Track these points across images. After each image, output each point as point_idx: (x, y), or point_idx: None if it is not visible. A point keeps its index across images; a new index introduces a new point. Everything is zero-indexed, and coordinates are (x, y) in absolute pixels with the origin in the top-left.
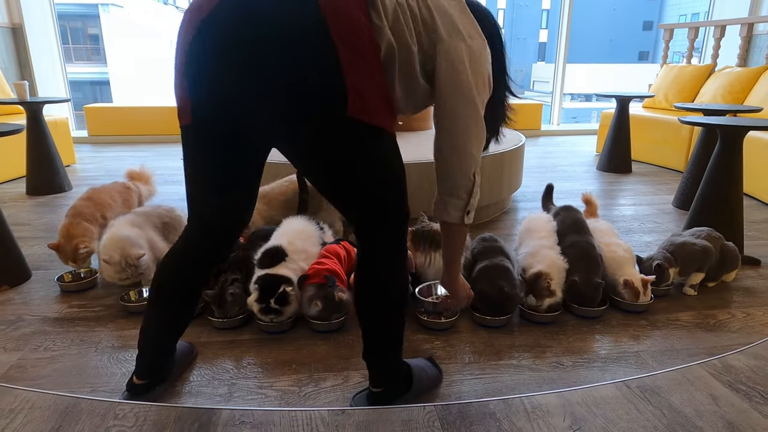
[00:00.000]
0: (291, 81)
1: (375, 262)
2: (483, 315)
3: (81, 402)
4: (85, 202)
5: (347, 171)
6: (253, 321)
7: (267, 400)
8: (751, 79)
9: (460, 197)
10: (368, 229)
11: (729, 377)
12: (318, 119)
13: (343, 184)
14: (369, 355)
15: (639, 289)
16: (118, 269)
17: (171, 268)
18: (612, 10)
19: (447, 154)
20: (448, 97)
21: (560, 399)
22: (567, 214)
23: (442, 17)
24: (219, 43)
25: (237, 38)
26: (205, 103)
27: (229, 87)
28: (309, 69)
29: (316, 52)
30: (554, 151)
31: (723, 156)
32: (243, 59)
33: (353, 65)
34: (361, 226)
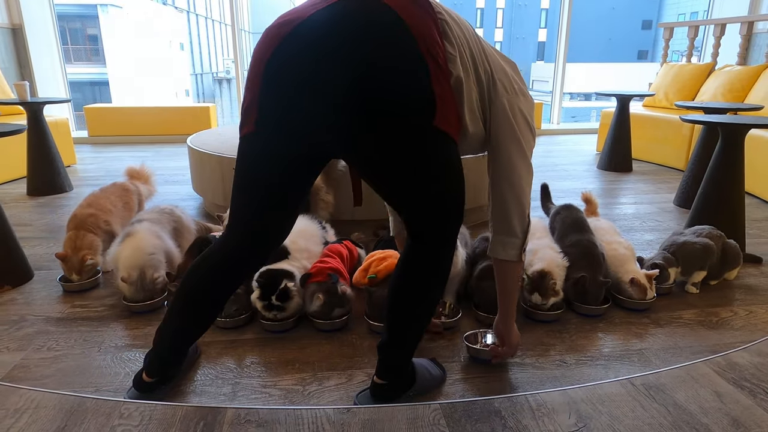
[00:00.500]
0: (381, 84)
1: (424, 260)
2: (486, 313)
3: (86, 401)
4: (86, 210)
5: (423, 176)
6: (256, 320)
7: (271, 399)
8: (751, 78)
9: (518, 236)
10: (426, 228)
11: (733, 374)
12: (405, 124)
13: (415, 188)
14: (385, 347)
15: (646, 285)
16: (136, 288)
17: (203, 275)
18: (611, 9)
19: (505, 198)
20: (505, 145)
21: (565, 396)
22: (568, 213)
23: (499, 73)
24: (297, 52)
25: (312, 46)
26: (273, 112)
27: (301, 93)
28: (400, 73)
29: (406, 59)
30: (555, 150)
31: (724, 154)
32: (316, 61)
33: (438, 78)
34: (419, 225)
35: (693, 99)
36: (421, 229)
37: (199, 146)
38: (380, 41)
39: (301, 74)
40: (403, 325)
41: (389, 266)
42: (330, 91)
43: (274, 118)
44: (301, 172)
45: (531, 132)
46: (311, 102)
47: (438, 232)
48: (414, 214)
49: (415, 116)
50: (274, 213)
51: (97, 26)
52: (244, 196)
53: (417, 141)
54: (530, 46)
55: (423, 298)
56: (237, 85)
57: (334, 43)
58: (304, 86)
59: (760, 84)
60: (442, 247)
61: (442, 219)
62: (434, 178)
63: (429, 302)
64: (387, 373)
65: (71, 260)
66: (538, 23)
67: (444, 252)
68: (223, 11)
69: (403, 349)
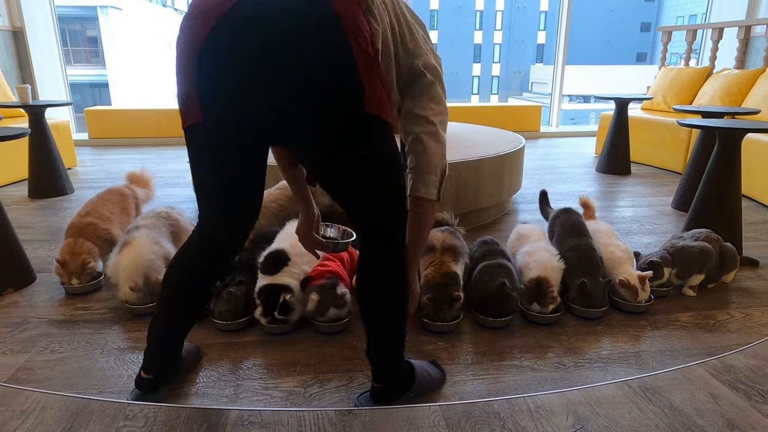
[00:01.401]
0: (306, 78)
1: (380, 261)
2: (483, 314)
3: (91, 403)
4: (85, 219)
5: (362, 167)
6: (257, 322)
7: (273, 400)
8: (748, 81)
9: (437, 175)
10: (375, 228)
11: (729, 377)
12: (334, 115)
13: (355, 181)
14: (371, 352)
15: (636, 285)
16: (144, 294)
17: (182, 263)
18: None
19: (426, 140)
20: (432, 94)
21: (563, 399)
22: (567, 217)
23: (412, 31)
24: (233, 44)
25: (251, 38)
26: (215, 104)
27: (242, 88)
28: (325, 65)
29: (330, 49)
30: (553, 153)
31: (721, 158)
32: (256, 60)
33: (365, 63)
34: (368, 225)
35: (691, 102)
36: (368, 229)
37: None
38: (311, 36)
39: (235, 68)
40: (380, 326)
41: None
42: (267, 92)
43: (216, 111)
44: (251, 159)
45: (441, 85)
46: (250, 98)
47: (384, 227)
48: (357, 212)
49: (347, 106)
50: (235, 201)
51: (97, 28)
52: (203, 190)
53: (350, 132)
54: (529, 48)
55: (391, 296)
56: None
57: (267, 39)
58: (241, 81)
59: (757, 88)
60: (393, 245)
61: (388, 214)
62: (376, 169)
63: (399, 298)
64: (381, 377)
65: (70, 264)
66: (537, 26)
67: (399, 245)
68: None
69: (388, 350)
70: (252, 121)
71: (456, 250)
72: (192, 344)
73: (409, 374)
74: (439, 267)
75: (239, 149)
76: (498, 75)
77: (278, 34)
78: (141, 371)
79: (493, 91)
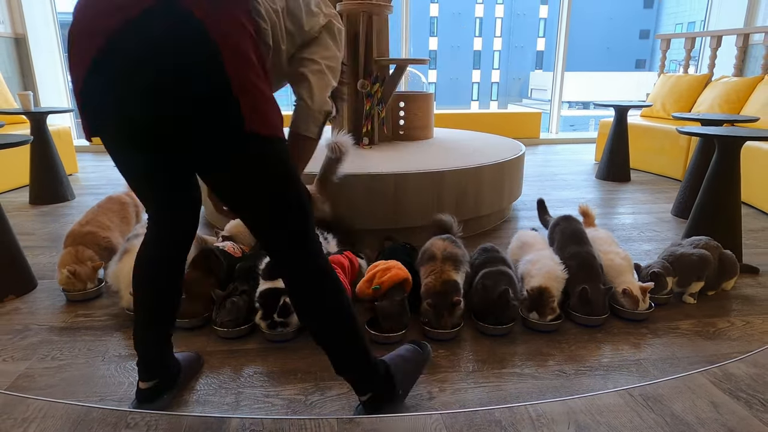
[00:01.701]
0: (184, 100)
1: (302, 285)
2: (484, 321)
3: (92, 411)
4: (84, 228)
5: (251, 188)
6: (257, 330)
7: (274, 408)
8: (747, 89)
9: (320, 112)
10: (284, 250)
11: (729, 385)
12: (216, 137)
13: (245, 200)
14: (341, 368)
15: (638, 296)
16: None
17: (143, 256)
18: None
19: (310, 77)
20: (321, 42)
21: (564, 407)
22: (567, 224)
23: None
24: (117, 72)
25: (134, 66)
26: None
27: (127, 110)
28: (201, 86)
29: (203, 67)
30: (553, 160)
31: (721, 166)
32: (137, 85)
33: (242, 85)
34: (276, 248)
35: (690, 110)
36: (275, 252)
37: None
38: (184, 63)
39: (118, 86)
40: (334, 341)
41: (393, 277)
42: (149, 110)
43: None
44: (160, 167)
45: (332, 36)
46: (135, 113)
47: (293, 248)
48: (263, 234)
49: (224, 129)
50: (166, 198)
51: None
52: (133, 187)
53: (231, 152)
54: (529, 55)
55: (331, 307)
56: None
57: (143, 74)
58: (123, 98)
59: (756, 95)
60: (306, 263)
61: (294, 232)
62: (267, 187)
63: (340, 306)
64: (362, 389)
65: (81, 272)
66: (536, 32)
67: (315, 254)
68: None
69: (352, 362)
70: (141, 134)
71: (457, 259)
72: (193, 352)
73: (387, 375)
74: (440, 275)
75: (141, 155)
76: (497, 81)
77: (160, 60)
78: (138, 382)
79: (493, 97)
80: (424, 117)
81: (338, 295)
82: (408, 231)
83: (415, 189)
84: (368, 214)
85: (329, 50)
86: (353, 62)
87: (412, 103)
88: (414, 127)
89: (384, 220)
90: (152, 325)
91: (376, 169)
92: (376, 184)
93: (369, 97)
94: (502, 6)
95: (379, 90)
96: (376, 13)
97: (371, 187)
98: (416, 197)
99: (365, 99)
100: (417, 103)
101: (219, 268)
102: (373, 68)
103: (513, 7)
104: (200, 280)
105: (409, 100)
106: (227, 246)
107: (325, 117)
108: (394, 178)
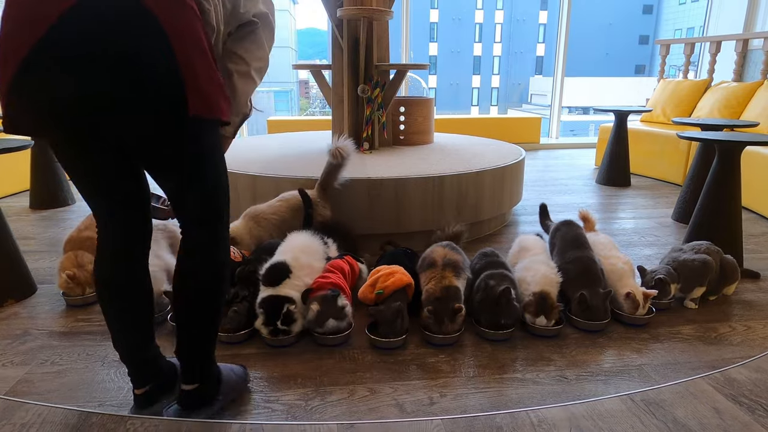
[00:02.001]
0: (132, 80)
1: (204, 252)
2: (485, 320)
3: (92, 416)
4: (84, 233)
5: (187, 165)
6: (258, 335)
7: (274, 413)
8: (747, 94)
9: (237, 115)
10: (198, 217)
11: (731, 390)
12: (158, 118)
13: (177, 173)
14: (185, 349)
15: (639, 301)
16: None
17: (101, 275)
18: (608, 25)
19: (236, 81)
20: (255, 38)
21: (565, 412)
22: (567, 229)
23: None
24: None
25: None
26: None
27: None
28: (148, 69)
29: (150, 47)
30: (553, 165)
31: (721, 170)
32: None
33: (190, 60)
34: (191, 213)
35: (690, 115)
36: (190, 224)
37: None
38: (129, 42)
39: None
40: (200, 320)
41: (396, 282)
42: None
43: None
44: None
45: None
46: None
47: (207, 224)
48: (182, 208)
49: (169, 111)
50: (111, 202)
51: None
52: (80, 188)
53: (175, 134)
54: (528, 60)
55: (213, 289)
56: None
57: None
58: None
59: (755, 100)
60: (218, 231)
61: (211, 210)
62: (200, 166)
63: (220, 292)
64: (193, 378)
65: (80, 276)
66: (536, 38)
67: (222, 235)
68: None
69: (204, 346)
70: (81, 120)
71: (457, 266)
72: (240, 366)
73: (218, 377)
74: (440, 281)
75: (82, 150)
76: (497, 87)
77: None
78: (134, 389)
79: (493, 102)
80: (424, 122)
81: (225, 281)
82: (408, 236)
83: (415, 194)
84: (368, 218)
85: (262, 50)
86: (353, 67)
87: (413, 108)
88: (414, 132)
89: (384, 225)
90: (132, 332)
91: (377, 174)
92: (376, 189)
93: (369, 102)
94: (502, 11)
95: (380, 95)
96: (376, 18)
97: (371, 192)
98: (416, 202)
99: (365, 104)
100: (417, 108)
101: None
102: (374, 73)
103: (513, 13)
104: None
105: (409, 105)
106: None
107: (242, 119)
108: (394, 182)
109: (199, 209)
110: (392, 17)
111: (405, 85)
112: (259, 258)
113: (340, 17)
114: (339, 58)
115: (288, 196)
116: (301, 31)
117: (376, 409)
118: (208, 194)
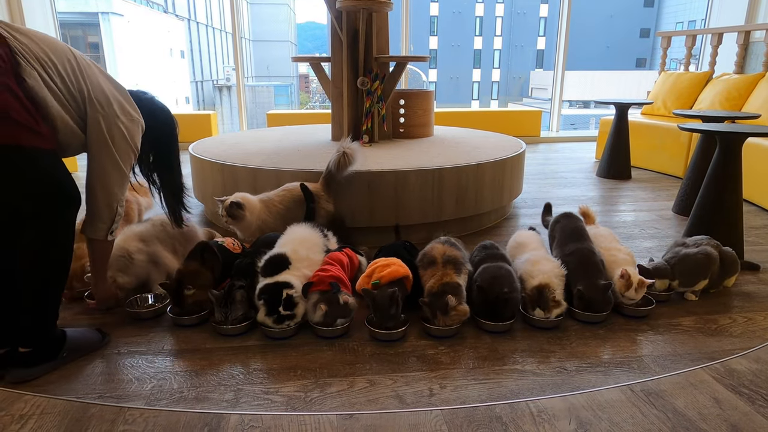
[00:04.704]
0: None
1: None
2: (483, 318)
3: (90, 407)
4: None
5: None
6: (257, 327)
7: (273, 405)
8: (748, 86)
9: (104, 221)
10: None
11: (732, 381)
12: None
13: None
14: (24, 312)
15: (633, 281)
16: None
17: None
18: (609, 18)
19: (97, 195)
20: (99, 153)
21: (565, 403)
22: (567, 221)
23: (98, 93)
24: None
25: None
26: None
27: None
28: None
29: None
30: (554, 158)
31: (722, 162)
32: None
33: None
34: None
35: (691, 107)
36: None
37: (200, 154)
38: None
39: None
40: (34, 286)
41: (393, 273)
42: None
43: None
44: None
45: (129, 147)
46: None
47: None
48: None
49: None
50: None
51: (98, 34)
52: None
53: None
54: (529, 54)
55: (54, 260)
56: (237, 93)
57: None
58: None
59: (757, 92)
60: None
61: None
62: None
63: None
64: (29, 340)
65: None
66: (536, 31)
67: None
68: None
69: (38, 309)
70: None
71: (457, 261)
72: (94, 330)
73: (61, 338)
74: (441, 278)
75: None
76: (498, 80)
77: None
78: None
79: (493, 96)
80: (424, 115)
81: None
82: (408, 228)
83: (415, 186)
84: (368, 211)
85: (118, 167)
86: (353, 59)
87: (413, 101)
88: (414, 124)
89: (384, 218)
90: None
91: (377, 166)
92: (376, 182)
93: (369, 94)
94: (503, 5)
95: (380, 87)
96: (376, 10)
97: (371, 185)
98: (416, 194)
99: (365, 96)
100: (417, 100)
101: (214, 263)
102: (373, 65)
103: (513, 6)
104: (198, 271)
105: (409, 98)
106: (227, 241)
107: (113, 223)
108: (394, 175)
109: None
110: (392, 9)
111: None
112: (258, 250)
113: (339, 9)
114: (338, 50)
115: (291, 187)
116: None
117: (376, 400)
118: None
